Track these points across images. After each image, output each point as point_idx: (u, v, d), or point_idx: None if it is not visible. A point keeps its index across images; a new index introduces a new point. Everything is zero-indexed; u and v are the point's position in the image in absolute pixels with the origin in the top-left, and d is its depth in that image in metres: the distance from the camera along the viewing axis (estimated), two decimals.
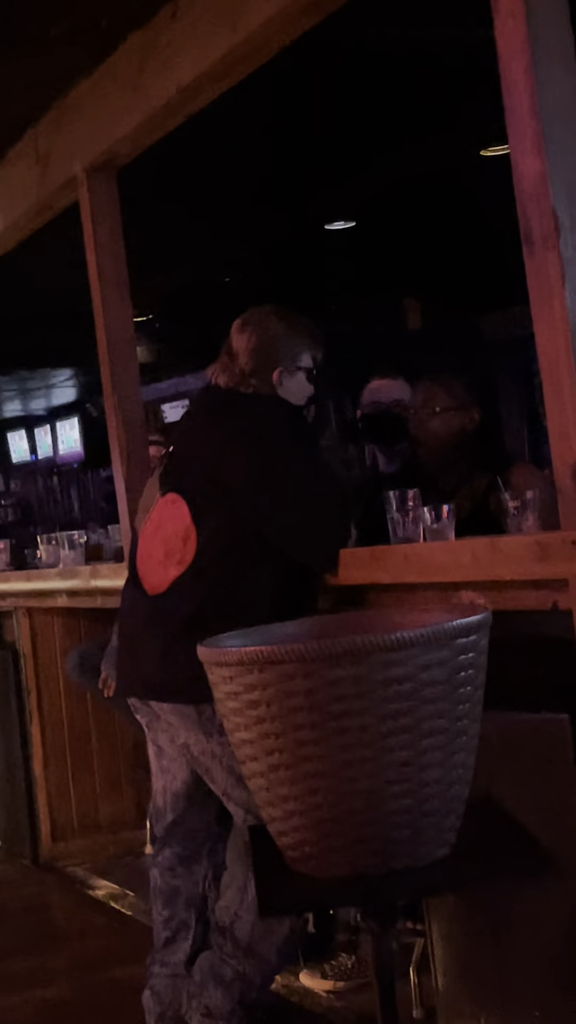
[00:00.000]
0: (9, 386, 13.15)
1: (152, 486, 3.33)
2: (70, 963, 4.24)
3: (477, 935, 2.89)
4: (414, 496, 3.25)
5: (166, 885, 3.36)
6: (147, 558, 3.23)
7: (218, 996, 3.11)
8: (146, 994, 3.34)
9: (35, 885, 5.23)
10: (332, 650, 1.93)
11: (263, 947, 3.10)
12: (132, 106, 4.17)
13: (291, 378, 3.30)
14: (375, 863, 2.02)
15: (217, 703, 2.16)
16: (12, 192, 5.14)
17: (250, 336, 3.29)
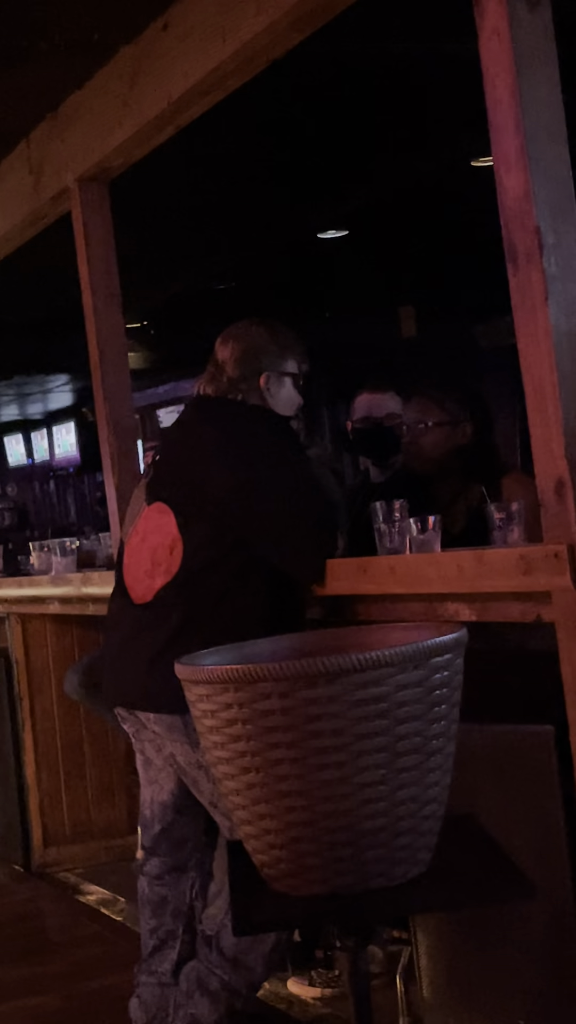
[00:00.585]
0: (6, 391, 13.16)
1: (139, 495, 3.32)
2: (62, 970, 4.23)
3: (462, 945, 2.89)
4: (400, 507, 3.25)
5: (154, 894, 3.36)
6: (133, 568, 3.22)
7: (204, 1006, 3.11)
8: (133, 1002, 3.33)
9: (27, 891, 5.23)
10: (308, 670, 1.93)
11: (249, 957, 3.09)
12: (124, 118, 4.17)
13: (279, 385, 3.31)
14: (350, 882, 2.01)
15: (195, 720, 2.16)
16: (5, 202, 5.15)
17: (234, 345, 3.31)
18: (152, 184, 5.08)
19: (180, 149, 4.40)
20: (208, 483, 3.10)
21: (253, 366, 3.29)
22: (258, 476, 3.09)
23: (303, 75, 4.46)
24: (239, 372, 3.28)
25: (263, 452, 3.15)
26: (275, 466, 3.14)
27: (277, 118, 5.14)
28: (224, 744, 2.04)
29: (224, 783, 2.10)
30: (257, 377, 3.28)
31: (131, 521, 3.33)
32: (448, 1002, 2.97)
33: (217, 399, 3.29)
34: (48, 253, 5.58)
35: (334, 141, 5.56)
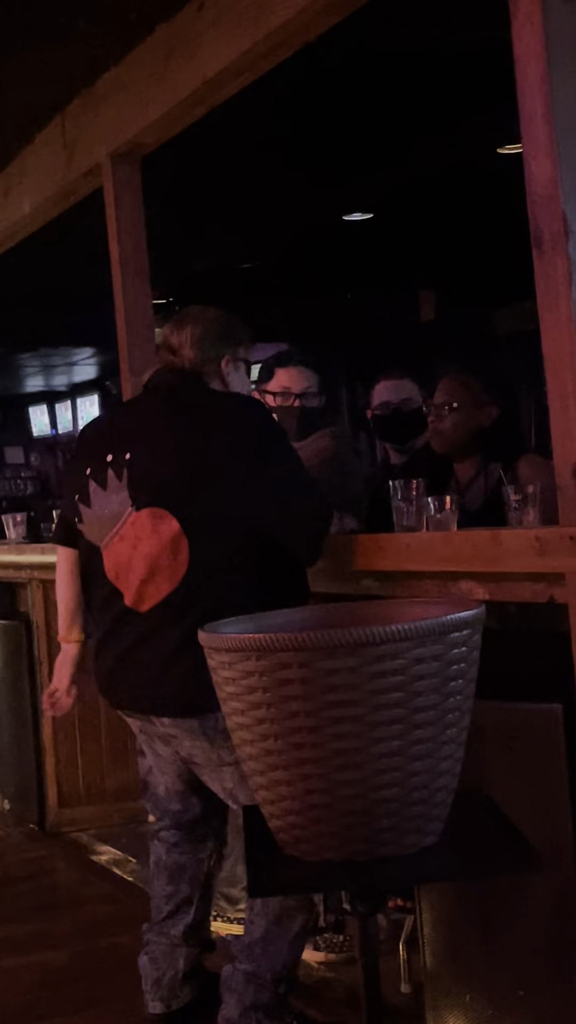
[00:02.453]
0: (32, 362, 13.16)
1: (109, 497, 3.07)
2: (73, 928, 4.25)
3: (465, 916, 2.90)
4: (418, 486, 3.25)
5: (171, 861, 3.35)
6: (125, 574, 3.03)
7: (231, 1005, 3.07)
8: (143, 959, 3.35)
9: (41, 849, 5.26)
10: (328, 641, 1.93)
11: (275, 944, 3.05)
12: (157, 96, 4.16)
13: (236, 369, 3.19)
14: (363, 849, 2.02)
15: (215, 686, 2.16)
16: (39, 177, 5.14)
17: (192, 328, 3.16)
18: (182, 162, 5.07)
19: (211, 128, 4.37)
20: (215, 481, 2.94)
21: (214, 349, 3.15)
22: (266, 463, 2.98)
23: (335, 58, 4.44)
24: (200, 355, 3.14)
25: (264, 440, 3.03)
26: (277, 451, 3.05)
27: (308, 100, 5.11)
28: (244, 711, 2.04)
29: (242, 749, 2.11)
30: (218, 361, 3.15)
31: (106, 524, 3.07)
32: (450, 971, 2.98)
33: (187, 388, 3.12)
34: (77, 227, 5.57)
35: (363, 125, 5.53)
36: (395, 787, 1.99)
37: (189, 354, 3.14)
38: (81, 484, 3.14)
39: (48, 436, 16.50)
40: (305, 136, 5.67)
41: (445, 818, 2.11)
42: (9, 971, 3.90)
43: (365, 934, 2.03)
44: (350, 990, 3.57)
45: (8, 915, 4.44)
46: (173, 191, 5.78)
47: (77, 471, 3.19)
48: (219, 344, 3.16)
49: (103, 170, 4.57)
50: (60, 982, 3.78)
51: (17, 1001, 3.67)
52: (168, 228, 4.72)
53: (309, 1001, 3.30)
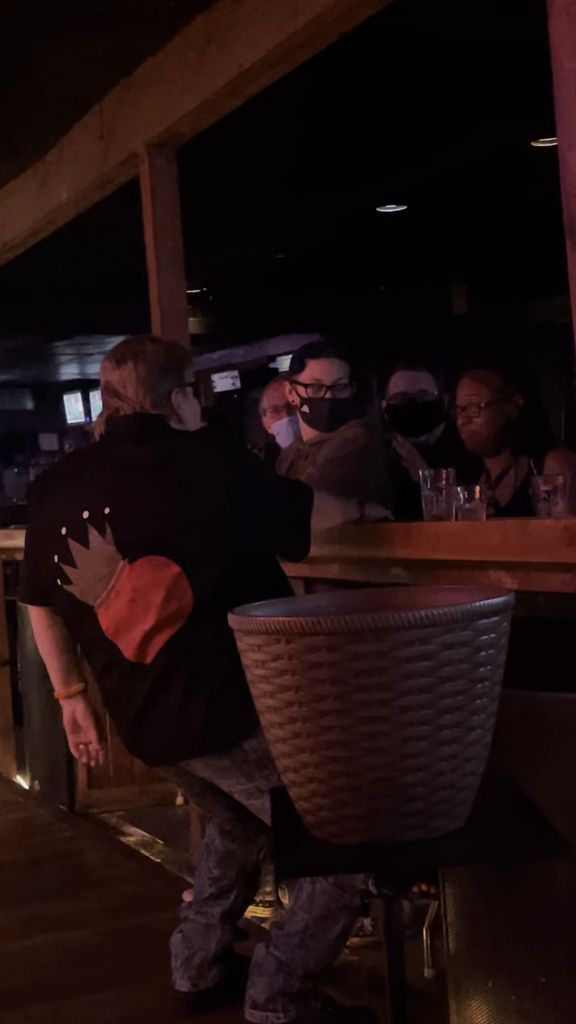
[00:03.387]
0: (66, 350, 13.19)
1: (95, 555, 2.96)
2: (100, 907, 4.26)
3: (488, 902, 2.88)
4: (448, 476, 3.24)
5: (223, 846, 3.36)
6: (126, 629, 2.95)
7: (259, 986, 3.07)
8: (176, 938, 3.36)
9: (70, 830, 5.27)
10: (357, 625, 1.92)
11: (314, 940, 3.05)
12: (194, 86, 4.15)
13: (186, 398, 3.11)
14: (389, 833, 2.01)
15: (244, 668, 2.16)
16: (76, 165, 5.14)
17: (134, 367, 3.05)
18: (217, 152, 5.06)
19: (246, 118, 4.36)
20: (205, 520, 2.91)
21: (161, 384, 3.05)
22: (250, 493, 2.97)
23: (370, 50, 4.41)
24: (150, 396, 3.04)
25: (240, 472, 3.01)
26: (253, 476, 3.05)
27: (344, 91, 5.09)
28: (272, 693, 2.04)
29: (270, 731, 2.10)
30: (167, 398, 3.06)
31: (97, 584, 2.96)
32: (472, 956, 2.97)
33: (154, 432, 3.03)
34: (112, 216, 5.57)
35: (398, 117, 5.50)
36: (422, 772, 1.98)
37: (137, 396, 3.04)
38: (59, 545, 3.01)
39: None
40: (340, 127, 5.64)
41: (471, 803, 2.10)
42: (37, 948, 3.91)
43: (390, 917, 2.02)
44: (373, 974, 3.57)
45: (37, 894, 4.46)
46: (208, 181, 5.76)
47: (49, 531, 3.04)
48: (165, 379, 3.07)
49: (139, 159, 4.56)
50: (87, 960, 3.79)
51: (45, 978, 3.68)
52: (202, 218, 4.70)
53: (334, 985, 3.29)
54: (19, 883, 4.62)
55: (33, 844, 5.13)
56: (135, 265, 4.72)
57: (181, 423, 3.11)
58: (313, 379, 4.02)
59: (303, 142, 5.87)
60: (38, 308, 9.47)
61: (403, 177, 6.57)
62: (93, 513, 2.96)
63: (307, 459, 4.05)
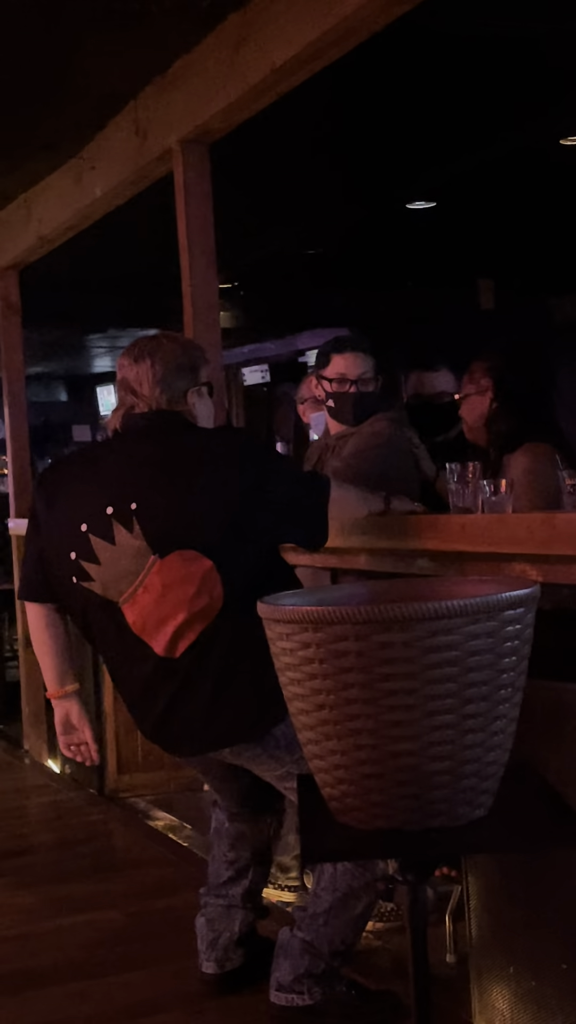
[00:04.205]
0: (100, 343, 13.21)
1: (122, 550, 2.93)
2: (129, 889, 4.29)
3: (511, 889, 2.88)
4: (474, 469, 3.24)
5: (233, 829, 3.37)
6: (156, 625, 2.93)
7: (284, 968, 3.09)
8: (200, 921, 3.38)
9: (99, 813, 5.31)
10: (384, 615, 1.92)
11: (338, 920, 3.06)
12: (228, 83, 4.14)
13: (201, 397, 3.11)
14: (414, 819, 2.01)
15: (273, 656, 2.16)
16: (111, 161, 5.15)
17: (151, 365, 3.04)
18: (248, 147, 5.04)
19: (278, 115, 4.35)
20: (232, 515, 2.91)
21: (178, 384, 3.04)
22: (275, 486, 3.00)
23: (401, 47, 4.40)
24: (166, 395, 3.04)
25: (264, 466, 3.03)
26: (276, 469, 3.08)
27: (374, 88, 5.07)
28: (300, 681, 2.04)
29: (298, 718, 2.11)
30: (183, 397, 3.05)
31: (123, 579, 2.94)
32: (494, 943, 2.97)
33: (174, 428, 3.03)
34: (144, 211, 5.58)
35: (428, 114, 5.48)
36: (447, 760, 1.98)
37: (153, 394, 3.03)
38: (78, 542, 2.97)
39: None
40: (371, 124, 5.63)
41: (495, 792, 2.10)
42: (67, 929, 3.94)
43: (414, 904, 2.02)
44: (397, 958, 3.57)
45: (67, 875, 4.49)
46: (239, 177, 5.75)
47: (65, 528, 3.01)
48: (181, 379, 3.06)
49: (173, 156, 4.56)
50: (116, 941, 3.81)
51: (74, 958, 3.71)
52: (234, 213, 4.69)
53: (357, 968, 3.31)
54: (49, 865, 4.66)
55: (63, 827, 5.17)
56: (168, 259, 4.72)
57: (196, 422, 3.10)
58: (338, 374, 4.02)
59: (334, 138, 5.86)
60: (73, 301, 9.49)
61: (433, 174, 6.54)
62: (118, 508, 2.93)
63: (333, 452, 4.06)
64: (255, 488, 2.95)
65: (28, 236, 6.18)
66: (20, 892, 4.31)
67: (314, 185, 6.63)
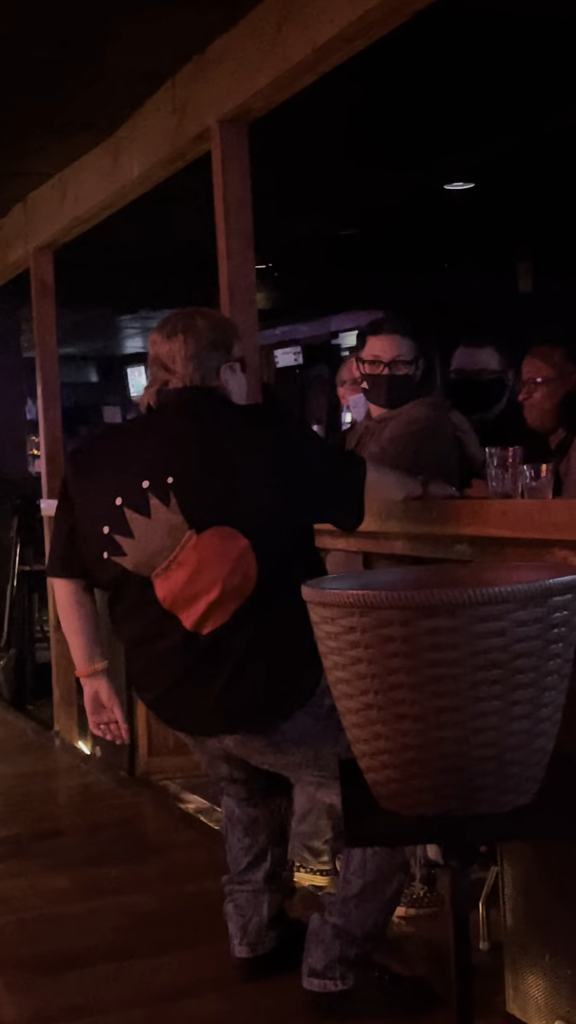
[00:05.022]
0: (132, 324, 13.24)
1: (157, 524, 2.94)
2: (160, 872, 4.31)
3: (548, 876, 2.89)
4: (514, 453, 3.23)
5: (245, 815, 3.38)
6: (187, 600, 2.94)
7: (316, 955, 3.10)
8: (228, 907, 3.39)
9: (131, 796, 5.33)
10: (431, 601, 1.93)
11: (369, 904, 3.07)
12: (268, 63, 4.13)
13: (233, 374, 3.11)
14: (459, 805, 2.02)
15: (317, 640, 2.17)
16: (148, 141, 5.14)
17: (184, 341, 3.04)
18: (285, 127, 5.03)
19: (315, 94, 4.34)
20: (269, 494, 2.92)
21: (211, 360, 3.05)
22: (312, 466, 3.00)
23: (441, 27, 4.38)
24: (199, 372, 3.04)
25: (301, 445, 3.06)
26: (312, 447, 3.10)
27: (415, 68, 5.05)
28: (345, 666, 2.05)
29: (342, 702, 2.11)
30: (216, 373, 3.06)
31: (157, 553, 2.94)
32: (530, 930, 2.98)
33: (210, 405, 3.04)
34: (179, 190, 5.58)
35: (469, 94, 5.46)
36: (493, 746, 1.99)
37: (187, 371, 3.04)
38: (112, 516, 2.98)
39: None
40: (411, 104, 5.61)
41: (540, 779, 2.10)
42: (99, 911, 3.97)
43: (457, 889, 2.03)
44: (430, 945, 3.59)
45: (99, 858, 4.51)
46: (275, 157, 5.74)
47: (98, 502, 3.02)
48: (214, 355, 3.06)
49: (212, 135, 4.55)
50: (148, 924, 3.84)
51: (107, 940, 3.73)
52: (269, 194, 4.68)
53: (390, 955, 3.31)
54: (81, 847, 4.68)
55: (95, 809, 5.20)
56: (201, 239, 4.73)
57: (229, 398, 3.12)
58: (372, 355, 4.01)
59: (372, 117, 5.84)
60: (105, 281, 9.50)
61: (472, 155, 6.52)
62: (155, 483, 2.94)
63: (373, 436, 4.05)
64: (291, 466, 2.96)
65: (63, 216, 6.19)
66: (52, 874, 4.34)
67: (351, 165, 6.61)
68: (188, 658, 2.98)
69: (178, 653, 2.99)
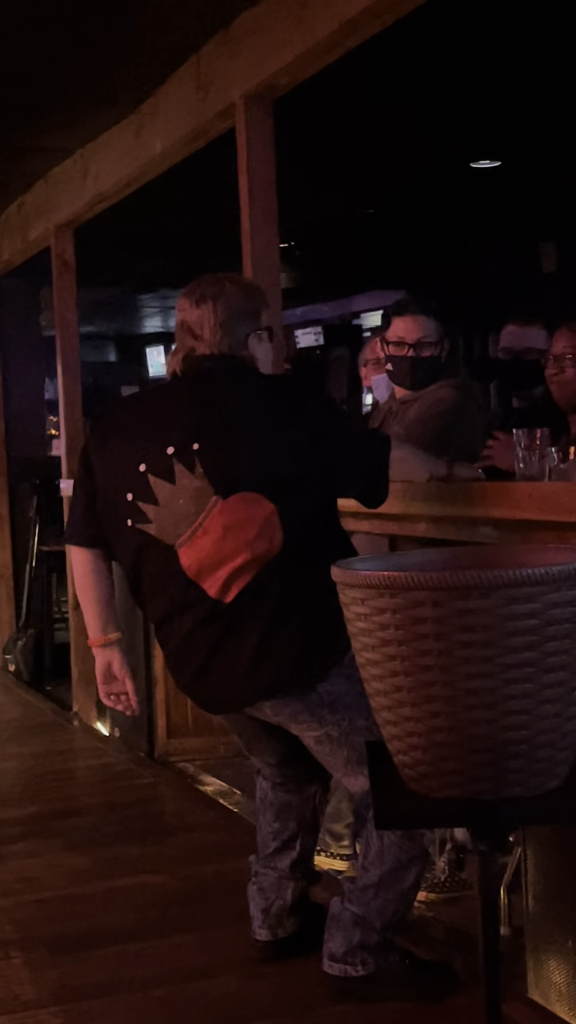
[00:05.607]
0: (151, 303, 13.21)
1: (181, 491, 2.94)
2: (179, 853, 4.33)
3: (571, 861, 2.89)
4: (542, 435, 3.22)
5: (277, 799, 3.38)
6: (211, 568, 2.94)
7: (337, 940, 3.11)
8: (252, 889, 3.40)
9: (149, 777, 5.35)
10: (463, 582, 1.92)
11: (388, 892, 3.07)
12: (294, 38, 4.11)
13: (260, 342, 3.09)
14: (488, 788, 2.02)
15: (346, 621, 2.16)
16: (171, 116, 5.12)
17: (213, 308, 3.02)
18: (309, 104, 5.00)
19: (338, 70, 4.31)
20: (293, 462, 2.93)
21: (238, 328, 3.04)
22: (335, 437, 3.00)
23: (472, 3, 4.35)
24: (227, 339, 3.03)
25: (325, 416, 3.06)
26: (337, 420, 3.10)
27: (441, 45, 5.02)
28: (374, 647, 2.04)
29: (371, 684, 2.11)
30: (244, 341, 3.05)
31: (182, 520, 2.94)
32: (552, 916, 2.98)
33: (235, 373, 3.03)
34: (200, 168, 5.56)
35: (496, 71, 5.42)
36: (524, 729, 1.98)
37: (215, 338, 3.02)
38: (136, 483, 2.98)
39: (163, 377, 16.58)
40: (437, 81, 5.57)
41: (571, 762, 2.10)
42: (119, 891, 3.99)
43: (485, 873, 2.03)
44: (450, 929, 3.60)
45: (118, 838, 4.53)
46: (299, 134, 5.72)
47: (122, 469, 3.02)
48: (243, 323, 3.05)
49: (236, 112, 4.53)
50: (167, 904, 3.85)
51: (126, 920, 3.75)
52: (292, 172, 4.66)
53: (410, 939, 3.32)
54: (100, 827, 4.70)
55: (113, 790, 5.22)
56: (223, 218, 4.71)
57: (256, 366, 3.11)
58: (397, 337, 4.01)
59: (397, 95, 5.80)
60: (125, 260, 9.48)
61: (499, 132, 6.47)
62: (180, 449, 2.94)
63: (396, 418, 4.05)
64: (316, 437, 2.97)
65: (85, 193, 6.18)
66: (71, 853, 4.36)
67: (375, 142, 6.58)
68: (216, 629, 2.98)
69: (205, 625, 2.99)
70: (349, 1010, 3.07)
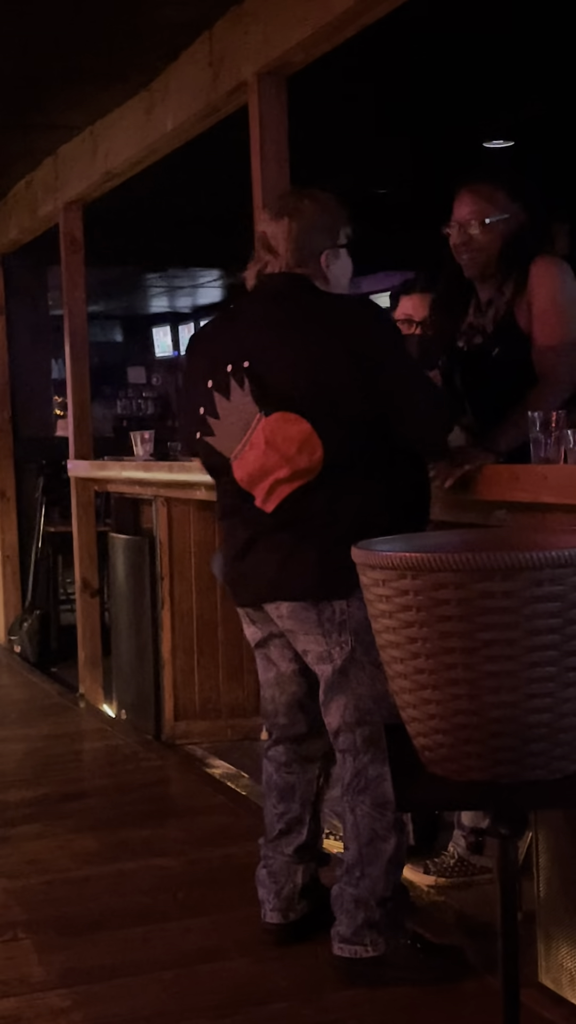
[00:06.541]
0: (158, 283, 13.19)
1: (235, 406, 3.06)
2: (187, 836, 4.33)
3: None
4: (558, 418, 3.20)
5: (281, 780, 3.39)
6: (258, 479, 3.05)
7: (343, 922, 3.13)
8: (262, 872, 3.40)
9: (156, 760, 5.35)
10: (486, 564, 1.92)
11: (370, 868, 3.10)
12: (308, 14, 4.08)
13: (336, 259, 3.15)
14: (509, 772, 2.01)
15: (367, 602, 2.16)
16: (183, 94, 5.09)
17: (290, 223, 3.10)
18: (321, 82, 4.97)
19: (353, 48, 4.28)
20: (338, 385, 2.97)
21: (314, 244, 3.10)
22: (384, 365, 3.01)
23: None
24: (300, 254, 3.10)
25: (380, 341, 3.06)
26: (394, 350, 3.09)
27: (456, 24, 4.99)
28: (396, 629, 2.04)
29: (392, 666, 2.10)
30: (317, 257, 3.10)
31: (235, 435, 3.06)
32: (562, 901, 2.98)
33: (299, 291, 3.08)
34: (211, 147, 5.53)
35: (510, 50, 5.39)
36: (546, 712, 1.97)
37: (287, 253, 3.10)
38: (206, 397, 3.12)
39: (171, 357, 16.56)
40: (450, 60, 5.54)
41: None
42: (127, 873, 3.99)
43: (505, 857, 2.03)
44: (460, 914, 3.60)
45: (125, 820, 4.54)
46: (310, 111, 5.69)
47: (197, 385, 3.16)
48: (318, 238, 3.11)
49: (249, 88, 4.50)
50: (176, 887, 3.85)
51: (136, 902, 3.75)
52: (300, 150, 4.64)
53: (421, 923, 3.32)
54: (107, 809, 4.71)
55: (121, 772, 5.22)
56: (233, 197, 4.68)
57: (327, 284, 3.14)
58: (404, 315, 4.01)
59: (410, 75, 5.78)
60: (133, 239, 9.45)
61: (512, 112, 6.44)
62: (235, 366, 3.04)
63: None
64: (368, 361, 2.97)
65: (94, 171, 6.15)
66: (79, 835, 4.37)
67: (388, 122, 6.55)
68: (256, 529, 3.11)
69: (248, 525, 3.13)
70: (359, 994, 3.07)
